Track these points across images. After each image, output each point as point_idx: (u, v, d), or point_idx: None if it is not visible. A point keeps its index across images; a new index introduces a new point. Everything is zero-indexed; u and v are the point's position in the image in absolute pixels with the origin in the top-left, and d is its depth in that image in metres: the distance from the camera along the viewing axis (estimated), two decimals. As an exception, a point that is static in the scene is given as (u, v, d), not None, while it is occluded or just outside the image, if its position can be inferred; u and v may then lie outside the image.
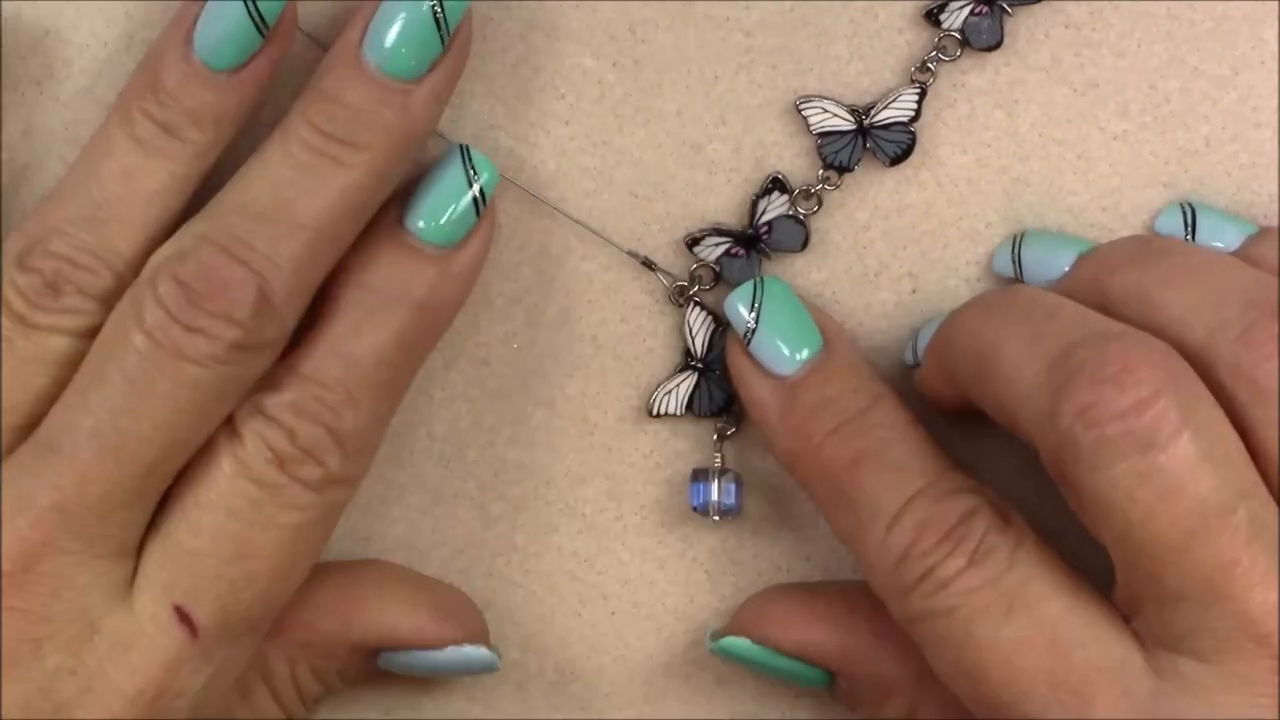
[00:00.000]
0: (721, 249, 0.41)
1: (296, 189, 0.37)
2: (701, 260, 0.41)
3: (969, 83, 0.41)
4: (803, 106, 0.41)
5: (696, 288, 0.42)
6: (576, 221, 0.41)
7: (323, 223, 0.37)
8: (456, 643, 0.40)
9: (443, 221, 0.38)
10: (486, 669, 0.41)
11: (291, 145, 0.37)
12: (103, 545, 0.36)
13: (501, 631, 0.43)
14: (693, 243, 0.41)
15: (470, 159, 0.39)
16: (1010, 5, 0.40)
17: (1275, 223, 0.41)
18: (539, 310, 0.42)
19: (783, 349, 0.39)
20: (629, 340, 0.42)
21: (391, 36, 0.37)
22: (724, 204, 0.41)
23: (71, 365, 0.36)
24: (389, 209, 0.39)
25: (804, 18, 0.40)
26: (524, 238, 0.42)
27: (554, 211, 0.41)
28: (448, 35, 0.37)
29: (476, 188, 0.38)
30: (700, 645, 0.43)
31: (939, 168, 0.41)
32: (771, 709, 0.43)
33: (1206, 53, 0.40)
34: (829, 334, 0.39)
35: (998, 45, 0.40)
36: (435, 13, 0.37)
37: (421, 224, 0.38)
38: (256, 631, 0.38)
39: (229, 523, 0.36)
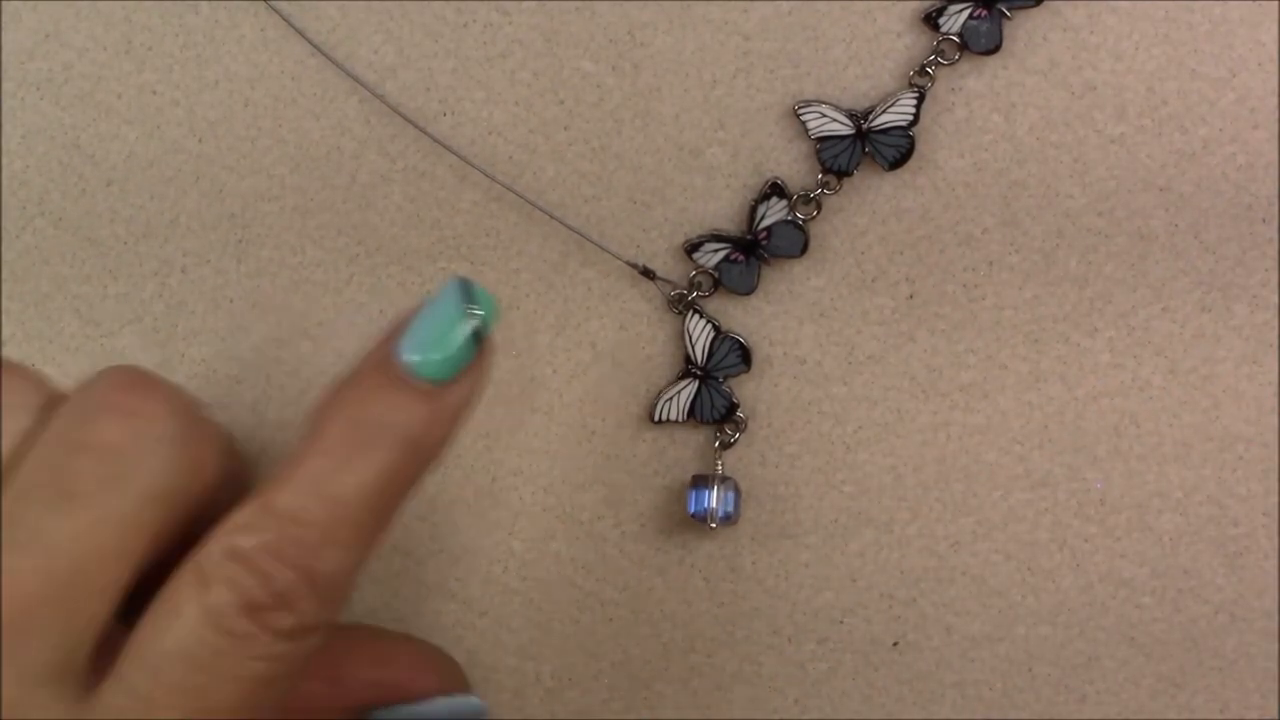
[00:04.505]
0: (721, 255, 0.41)
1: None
2: (700, 266, 0.41)
3: (967, 86, 0.41)
4: (801, 111, 0.41)
5: (695, 294, 0.42)
6: (574, 231, 0.41)
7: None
8: (445, 692, 0.40)
9: (438, 358, 0.36)
10: (476, 717, 0.40)
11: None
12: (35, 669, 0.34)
13: (499, 638, 0.42)
14: (691, 249, 0.41)
15: (470, 294, 0.36)
16: (1009, 9, 0.40)
17: (1275, 225, 0.41)
18: (537, 317, 0.42)
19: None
20: (627, 347, 0.42)
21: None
22: (723, 209, 0.41)
23: None
24: (385, 339, 0.37)
25: (802, 21, 0.41)
26: (522, 244, 0.42)
27: (552, 219, 0.41)
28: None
29: (475, 324, 0.36)
30: (699, 652, 0.42)
31: (936, 172, 0.41)
32: (769, 715, 0.43)
33: (1204, 55, 0.40)
34: None
35: (997, 49, 0.40)
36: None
37: (416, 358, 0.36)
38: None
39: (192, 675, 0.34)
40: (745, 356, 0.42)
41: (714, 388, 0.42)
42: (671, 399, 0.42)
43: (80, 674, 0.35)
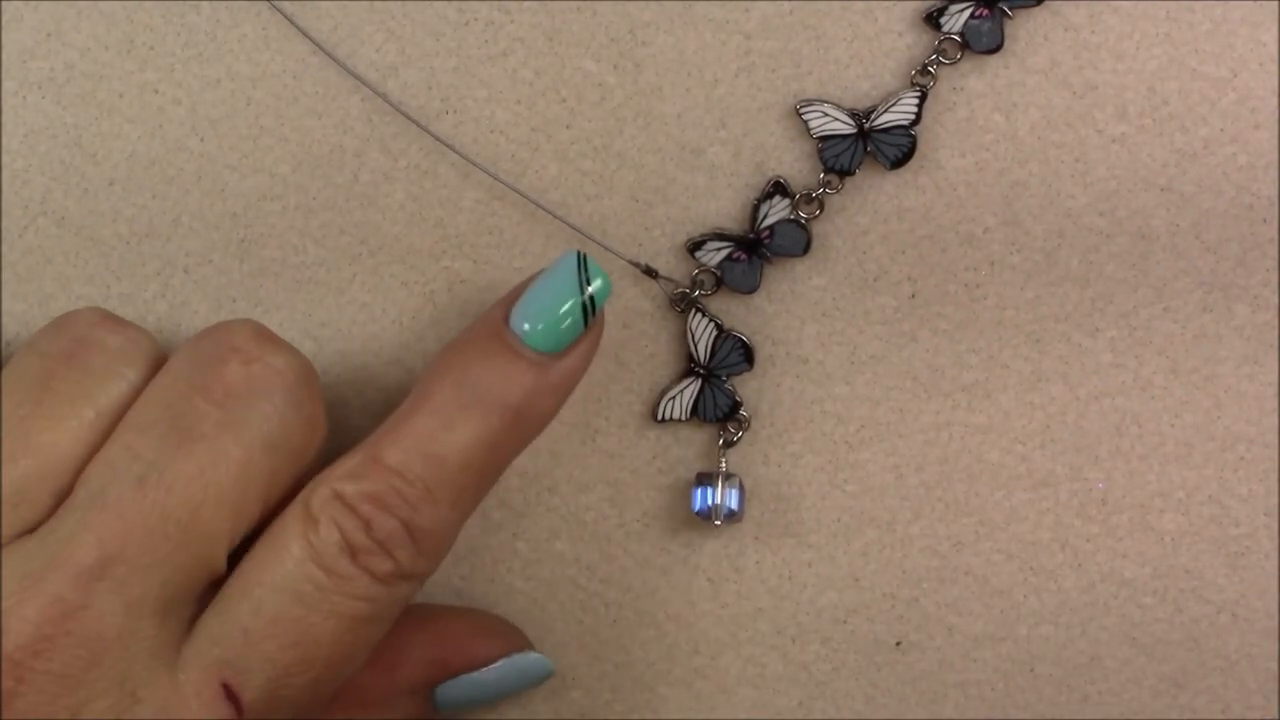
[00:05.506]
0: (723, 254, 0.41)
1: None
2: (703, 265, 0.41)
3: (968, 86, 0.41)
4: (803, 110, 0.41)
5: (698, 293, 0.42)
6: (577, 230, 0.41)
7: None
8: (505, 654, 0.40)
9: (548, 328, 0.37)
10: (542, 675, 0.41)
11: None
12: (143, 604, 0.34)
13: (502, 638, 0.42)
14: (694, 247, 0.41)
15: (585, 267, 0.38)
16: (1010, 8, 0.40)
17: (1275, 224, 0.41)
18: (539, 316, 0.42)
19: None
20: (630, 346, 0.42)
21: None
22: (725, 208, 0.41)
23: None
24: (497, 306, 0.38)
25: (804, 21, 0.41)
26: (525, 243, 0.42)
27: (555, 218, 0.41)
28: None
29: (587, 297, 0.37)
30: (703, 653, 0.42)
31: (938, 171, 0.41)
32: (772, 716, 0.43)
33: (1205, 55, 0.41)
34: None
35: (998, 48, 0.40)
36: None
37: (527, 327, 0.37)
38: (300, 717, 0.37)
39: (292, 607, 0.35)
40: (748, 355, 0.42)
41: (717, 386, 0.42)
42: (674, 398, 0.42)
43: (186, 611, 0.36)
